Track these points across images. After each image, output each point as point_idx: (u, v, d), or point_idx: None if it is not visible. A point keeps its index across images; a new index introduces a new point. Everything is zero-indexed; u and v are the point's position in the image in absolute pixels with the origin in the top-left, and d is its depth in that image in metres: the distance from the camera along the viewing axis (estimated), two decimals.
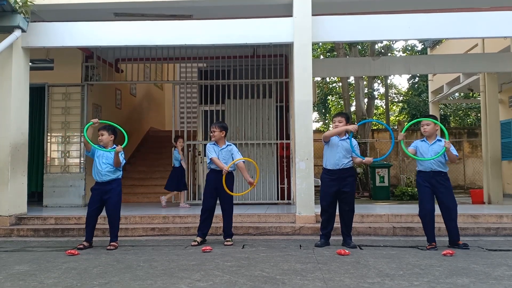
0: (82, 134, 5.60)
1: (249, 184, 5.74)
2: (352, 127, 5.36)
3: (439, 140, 5.38)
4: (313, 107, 8.32)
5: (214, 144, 5.80)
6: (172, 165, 9.06)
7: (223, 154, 5.71)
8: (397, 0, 7.71)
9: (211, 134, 5.80)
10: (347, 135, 5.52)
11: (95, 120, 5.55)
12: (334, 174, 5.44)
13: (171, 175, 8.96)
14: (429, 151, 5.29)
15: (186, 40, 7.34)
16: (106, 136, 5.53)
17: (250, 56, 9.72)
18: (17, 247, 5.74)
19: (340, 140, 5.49)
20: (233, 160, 5.68)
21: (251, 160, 5.77)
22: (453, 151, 5.27)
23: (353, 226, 5.68)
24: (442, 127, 5.44)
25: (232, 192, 5.70)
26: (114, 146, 5.57)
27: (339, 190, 5.42)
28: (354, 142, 5.51)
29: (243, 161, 5.81)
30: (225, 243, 5.63)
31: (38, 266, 4.44)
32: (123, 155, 5.59)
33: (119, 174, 5.58)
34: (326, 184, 5.51)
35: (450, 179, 5.39)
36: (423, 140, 5.44)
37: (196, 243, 5.60)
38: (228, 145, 5.79)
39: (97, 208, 5.50)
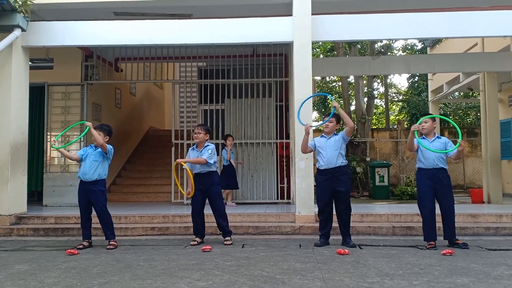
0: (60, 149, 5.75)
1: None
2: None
3: (439, 138, 5.38)
4: (313, 106, 8.34)
5: (193, 149, 5.82)
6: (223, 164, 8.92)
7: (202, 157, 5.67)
8: None
9: (195, 136, 5.75)
10: (334, 133, 5.53)
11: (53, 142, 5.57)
12: (327, 173, 5.44)
13: (222, 174, 8.66)
14: (430, 147, 5.28)
15: (185, 39, 7.33)
16: (101, 137, 5.50)
17: (250, 55, 9.71)
18: (17, 246, 5.74)
19: (328, 139, 5.50)
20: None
21: (188, 169, 5.75)
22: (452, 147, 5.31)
23: (352, 225, 5.69)
24: (456, 125, 5.50)
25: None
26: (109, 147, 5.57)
27: (334, 189, 5.43)
28: (339, 135, 5.52)
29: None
30: (225, 242, 5.64)
31: (38, 265, 4.44)
32: (112, 149, 5.58)
33: (104, 175, 5.54)
34: (321, 185, 5.51)
35: (449, 178, 5.39)
36: (423, 137, 5.43)
37: (195, 242, 5.62)
38: (205, 146, 5.73)
39: (87, 207, 5.51)
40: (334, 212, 5.56)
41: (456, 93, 18.61)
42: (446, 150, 5.26)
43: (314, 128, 5.93)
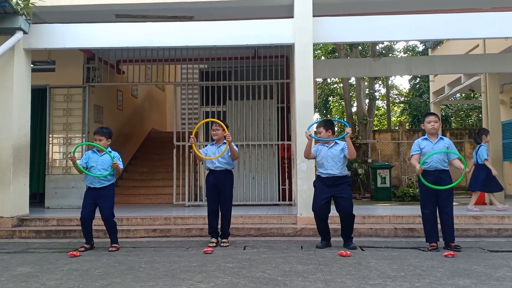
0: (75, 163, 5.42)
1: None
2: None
3: (442, 139, 5.35)
4: (314, 108, 8.35)
5: (212, 144, 5.83)
6: (474, 162, 8.10)
7: (220, 152, 5.69)
8: (398, 1, 7.71)
9: (213, 132, 5.78)
10: (335, 141, 5.50)
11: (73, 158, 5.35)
12: (328, 181, 5.41)
13: (478, 174, 7.96)
14: (434, 150, 5.25)
15: (187, 41, 7.35)
16: (104, 142, 5.48)
17: (251, 57, 9.72)
18: (19, 248, 5.75)
19: (329, 149, 5.47)
20: (229, 154, 5.67)
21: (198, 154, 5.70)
22: (456, 153, 5.30)
23: (354, 227, 5.65)
24: (461, 157, 5.30)
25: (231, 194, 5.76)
26: (110, 150, 5.50)
27: (333, 195, 5.38)
28: (343, 144, 5.48)
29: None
30: (222, 244, 5.62)
31: (40, 267, 4.45)
32: (120, 159, 5.54)
33: (113, 179, 5.53)
34: (319, 189, 5.46)
35: (451, 179, 5.36)
36: (425, 138, 5.38)
37: (214, 244, 5.57)
38: (224, 143, 5.74)
39: (91, 211, 5.44)
40: (332, 214, 5.53)
41: (458, 95, 18.57)
42: (448, 150, 5.24)
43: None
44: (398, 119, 24.78)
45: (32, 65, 7.63)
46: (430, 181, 5.21)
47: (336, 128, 18.71)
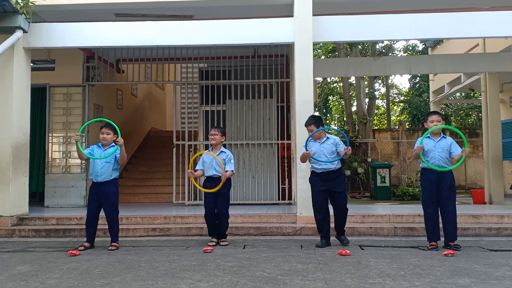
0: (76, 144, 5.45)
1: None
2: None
3: (444, 137, 5.34)
4: (314, 107, 8.36)
5: (210, 151, 5.79)
6: None
7: (216, 160, 5.64)
8: (398, 0, 7.71)
9: (211, 137, 5.75)
10: (327, 136, 5.54)
11: (77, 137, 5.44)
12: (323, 176, 5.45)
13: None
14: (436, 148, 5.24)
15: (187, 40, 7.35)
16: (111, 136, 5.49)
17: (251, 56, 9.71)
18: (19, 247, 5.75)
19: (321, 144, 5.49)
20: (224, 168, 5.59)
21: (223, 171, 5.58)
22: (458, 150, 5.28)
23: (354, 226, 5.70)
24: (461, 134, 5.33)
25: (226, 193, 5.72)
26: (113, 145, 5.51)
27: (329, 190, 5.43)
28: (335, 139, 5.51)
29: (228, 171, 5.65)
30: (221, 243, 5.63)
31: (40, 266, 4.45)
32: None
33: (115, 175, 5.53)
34: (315, 185, 5.52)
35: (454, 177, 5.35)
36: (428, 136, 5.38)
37: (213, 243, 5.58)
38: (222, 151, 5.72)
39: (96, 208, 5.46)
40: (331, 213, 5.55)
41: (458, 94, 18.60)
42: (450, 150, 5.26)
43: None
44: (398, 118, 24.79)
45: (31, 64, 7.62)
46: (432, 179, 5.23)
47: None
